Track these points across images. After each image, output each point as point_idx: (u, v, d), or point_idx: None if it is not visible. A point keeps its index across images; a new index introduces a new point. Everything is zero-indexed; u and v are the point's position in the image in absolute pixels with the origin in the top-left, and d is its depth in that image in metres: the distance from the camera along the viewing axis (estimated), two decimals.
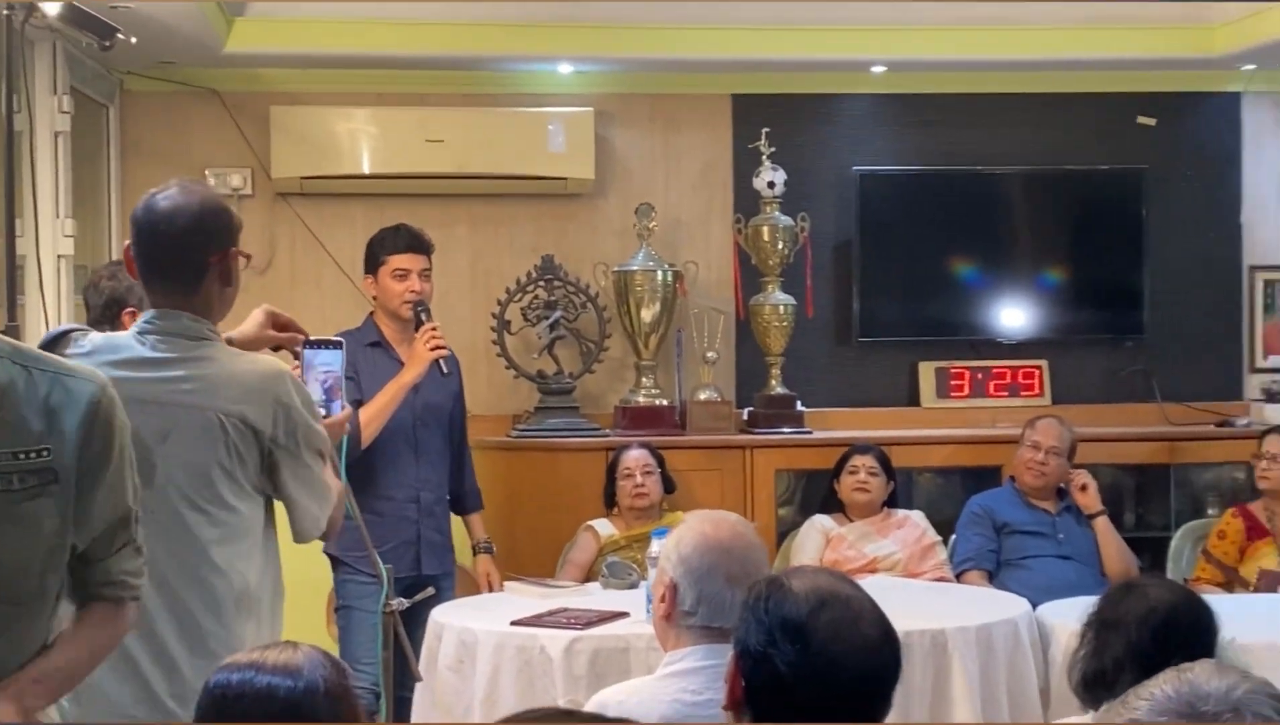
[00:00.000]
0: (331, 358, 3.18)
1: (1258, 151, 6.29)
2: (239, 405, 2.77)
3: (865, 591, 2.10)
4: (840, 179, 6.08)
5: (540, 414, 5.77)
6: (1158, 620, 2.59)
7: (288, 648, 2.08)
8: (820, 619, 1.99)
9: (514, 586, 4.63)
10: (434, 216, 5.62)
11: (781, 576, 2.09)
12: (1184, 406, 6.10)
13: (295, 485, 2.83)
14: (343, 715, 2.05)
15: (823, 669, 1.95)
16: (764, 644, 1.99)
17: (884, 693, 2.00)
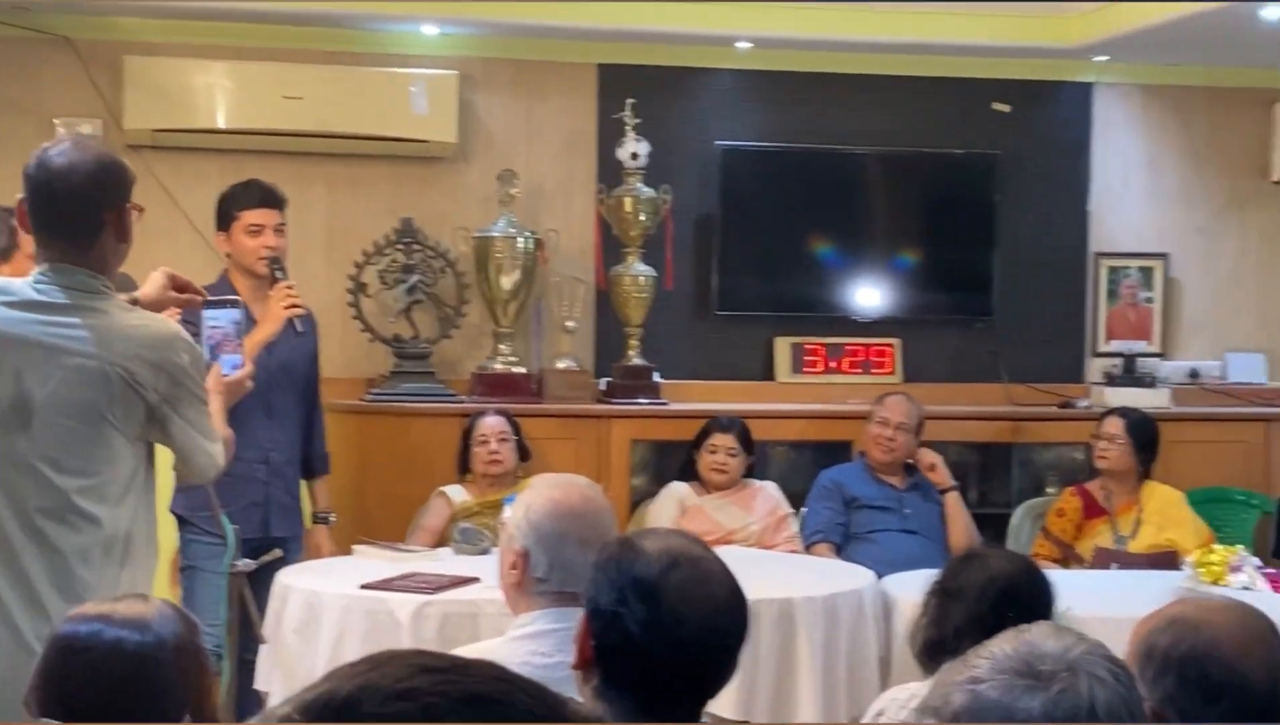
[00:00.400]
0: (223, 315, 3.30)
1: (1107, 141, 6.45)
2: (128, 360, 2.82)
3: (715, 553, 2.12)
4: (703, 153, 6.11)
5: (395, 378, 5.73)
6: (997, 590, 2.67)
7: (138, 601, 2.05)
8: (671, 579, 2.00)
9: (363, 550, 4.59)
10: (291, 175, 5.53)
11: (633, 537, 2.10)
12: (1028, 387, 6.24)
13: (185, 435, 2.92)
14: (191, 671, 2.02)
15: (672, 628, 1.97)
16: (615, 604, 2.00)
17: (731, 652, 2.02)
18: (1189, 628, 1.95)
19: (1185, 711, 1.91)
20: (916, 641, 2.75)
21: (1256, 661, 1.93)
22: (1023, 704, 1.41)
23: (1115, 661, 1.49)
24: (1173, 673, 1.92)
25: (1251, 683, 1.91)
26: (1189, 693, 1.91)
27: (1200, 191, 6.48)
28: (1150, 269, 6.44)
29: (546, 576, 2.67)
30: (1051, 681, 1.42)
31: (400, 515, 5.31)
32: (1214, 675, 1.91)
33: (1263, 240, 6.52)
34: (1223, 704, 1.90)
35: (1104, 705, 1.42)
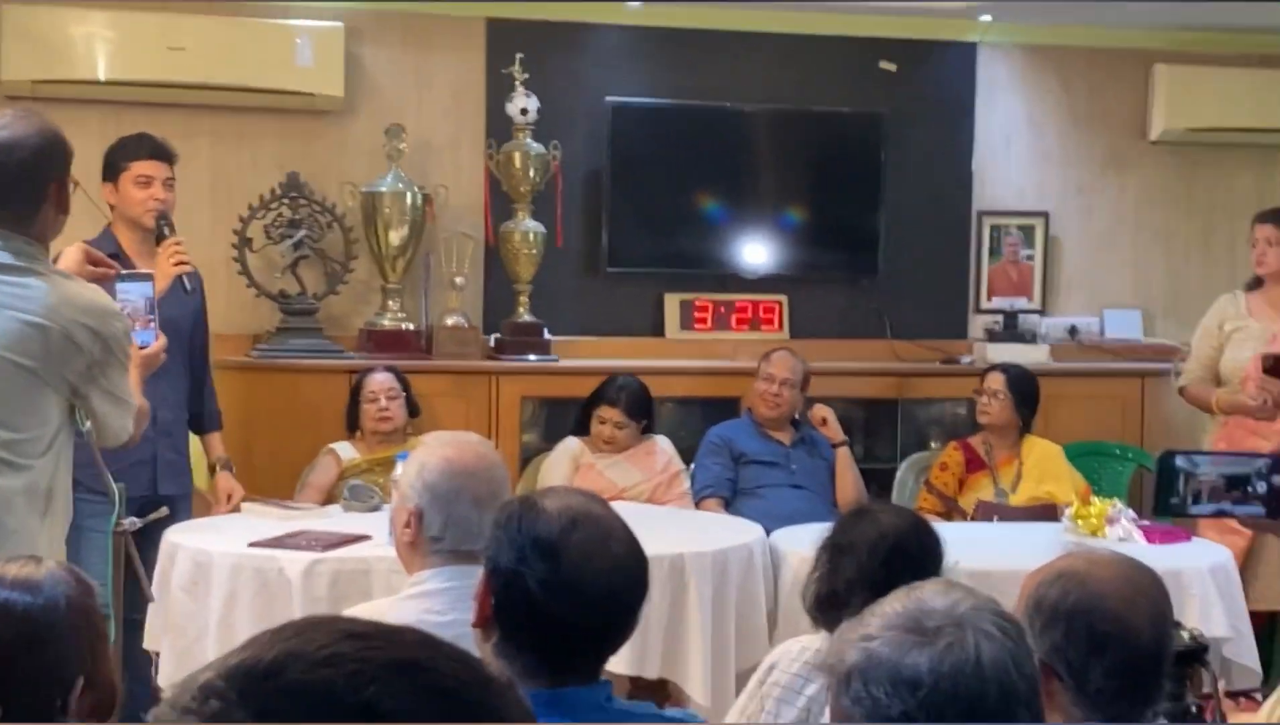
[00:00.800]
0: (135, 289, 3.45)
1: (990, 101, 6.54)
2: (69, 322, 2.97)
3: (615, 512, 2.14)
4: (593, 109, 6.09)
5: (282, 334, 5.67)
6: (887, 545, 2.72)
7: (30, 562, 2.02)
8: (571, 538, 2.02)
9: (251, 508, 4.56)
10: (174, 127, 5.42)
11: (533, 497, 2.12)
12: (913, 344, 6.33)
13: (105, 401, 3.07)
14: (84, 634, 2.00)
15: (572, 586, 1.99)
16: (515, 562, 2.01)
17: (631, 610, 2.05)
18: (1076, 581, 2.00)
19: (1072, 662, 1.97)
20: (808, 596, 2.79)
21: (1141, 614, 1.98)
22: (910, 659, 1.45)
23: (1004, 616, 1.54)
24: (1060, 625, 1.97)
25: (1136, 635, 1.97)
26: (1076, 644, 1.96)
27: (1080, 151, 6.61)
28: (1031, 227, 6.55)
29: (441, 535, 2.67)
30: (938, 637, 1.47)
31: (288, 473, 5.27)
32: (1100, 627, 1.96)
33: (1140, 199, 6.66)
34: (1108, 655, 1.95)
35: (990, 660, 1.47)
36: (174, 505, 4.33)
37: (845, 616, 2.67)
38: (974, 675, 1.46)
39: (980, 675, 1.47)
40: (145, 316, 3.47)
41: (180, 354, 4.57)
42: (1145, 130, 6.59)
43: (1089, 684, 1.96)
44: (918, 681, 1.46)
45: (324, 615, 1.02)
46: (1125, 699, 1.96)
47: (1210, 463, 1.95)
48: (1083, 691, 1.96)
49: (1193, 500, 1.95)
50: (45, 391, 3.00)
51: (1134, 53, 6.54)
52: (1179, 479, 1.93)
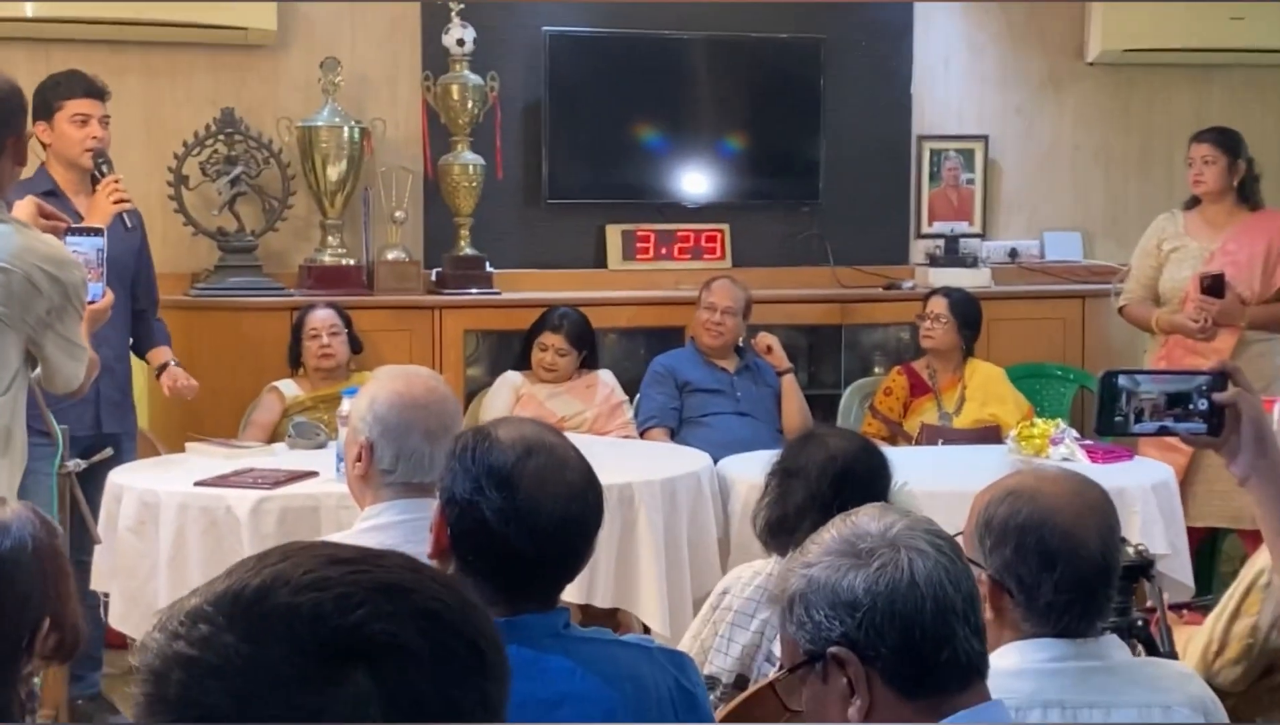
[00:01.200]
0: (86, 243, 3.51)
1: (928, 25, 6.53)
2: (31, 268, 3.03)
3: (569, 441, 2.14)
4: (530, 39, 6.03)
5: (221, 272, 5.61)
6: (836, 468, 2.74)
7: None
8: (526, 466, 2.02)
9: (196, 447, 4.53)
10: (104, 64, 5.33)
11: (488, 427, 2.11)
12: (855, 270, 6.35)
13: (59, 347, 3.14)
14: (51, 576, 1.99)
15: (528, 514, 1.99)
16: (471, 492, 2.01)
17: (587, 537, 2.05)
18: (1026, 498, 2.02)
19: (1022, 578, 1.99)
20: (759, 522, 2.81)
21: (1090, 529, 2.01)
22: (846, 581, 1.52)
23: (938, 534, 1.60)
24: (1011, 541, 2.00)
25: (1085, 549, 1.99)
26: (1026, 560, 1.99)
27: (1018, 73, 6.62)
28: (971, 151, 6.57)
29: (392, 468, 2.66)
30: (872, 558, 1.53)
31: (231, 412, 5.24)
32: (1050, 542, 1.99)
33: (1078, 121, 6.69)
34: (1058, 569, 1.98)
35: (923, 574, 1.53)
36: (118, 444, 4.30)
37: (795, 541, 2.70)
38: (909, 591, 1.52)
39: (915, 591, 1.52)
40: (95, 269, 3.51)
41: (122, 292, 4.52)
42: (1082, 51, 6.61)
43: (1039, 599, 1.98)
44: (855, 602, 1.52)
45: (307, 542, 1.03)
46: (1075, 613, 1.99)
47: (1152, 381, 1.96)
48: (1033, 607, 1.99)
49: (1135, 419, 1.96)
50: (7, 333, 3.03)
51: None
52: (1121, 398, 1.95)
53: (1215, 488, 5.08)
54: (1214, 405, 1.94)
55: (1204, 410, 1.95)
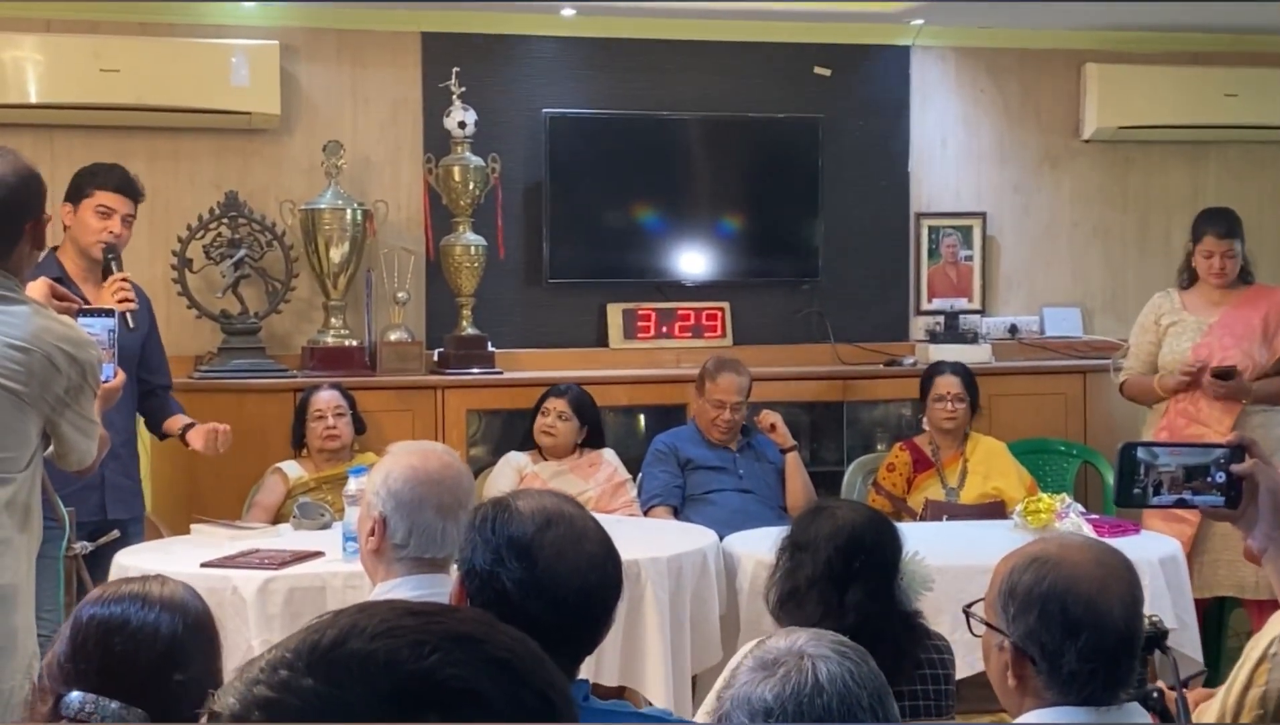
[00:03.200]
0: (97, 323, 3.59)
1: (924, 103, 6.59)
2: (51, 348, 3.09)
3: (588, 512, 2.15)
4: (530, 121, 6.09)
5: (224, 355, 5.63)
6: (845, 538, 2.74)
7: (157, 580, 2.18)
8: (546, 537, 2.03)
9: (201, 529, 4.52)
10: (109, 150, 5.39)
11: (507, 498, 2.12)
12: (855, 347, 6.37)
13: (75, 426, 3.18)
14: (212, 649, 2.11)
15: (548, 585, 1.99)
16: (491, 563, 2.02)
17: (607, 608, 2.05)
18: (1050, 565, 2.02)
19: (1046, 646, 1.98)
20: (770, 596, 2.80)
21: (1114, 597, 2.00)
22: (759, 692, 1.66)
23: (843, 643, 1.73)
24: (1035, 609, 1.99)
25: (1109, 617, 1.99)
26: (1050, 628, 1.98)
27: (1015, 151, 6.68)
28: (969, 228, 6.61)
29: (405, 543, 2.67)
30: (778, 668, 1.67)
31: (235, 493, 5.23)
32: (1074, 611, 1.98)
33: (1075, 197, 6.73)
34: (1082, 638, 1.97)
35: (828, 677, 1.66)
36: (124, 529, 4.29)
37: (807, 614, 2.70)
38: (814, 692, 1.65)
39: (819, 690, 1.65)
40: (107, 349, 3.59)
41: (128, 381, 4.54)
42: (1078, 129, 6.67)
43: (1063, 667, 1.98)
44: (768, 709, 1.65)
45: (382, 600, 1.06)
46: (1098, 681, 1.98)
47: (1169, 453, 1.97)
48: (1055, 675, 1.98)
49: (1153, 492, 1.97)
50: (28, 412, 3.09)
51: (1064, 53, 6.63)
52: (1140, 470, 1.96)
53: (1222, 558, 5.08)
54: (1231, 477, 1.95)
55: (1221, 483, 1.96)
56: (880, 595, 2.70)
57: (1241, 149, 6.82)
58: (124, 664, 2.02)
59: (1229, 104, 6.54)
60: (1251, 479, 1.95)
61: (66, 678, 2.03)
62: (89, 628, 2.05)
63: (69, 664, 2.03)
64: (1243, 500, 1.96)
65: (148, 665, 2.02)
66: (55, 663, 2.05)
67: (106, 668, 2.01)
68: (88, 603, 2.10)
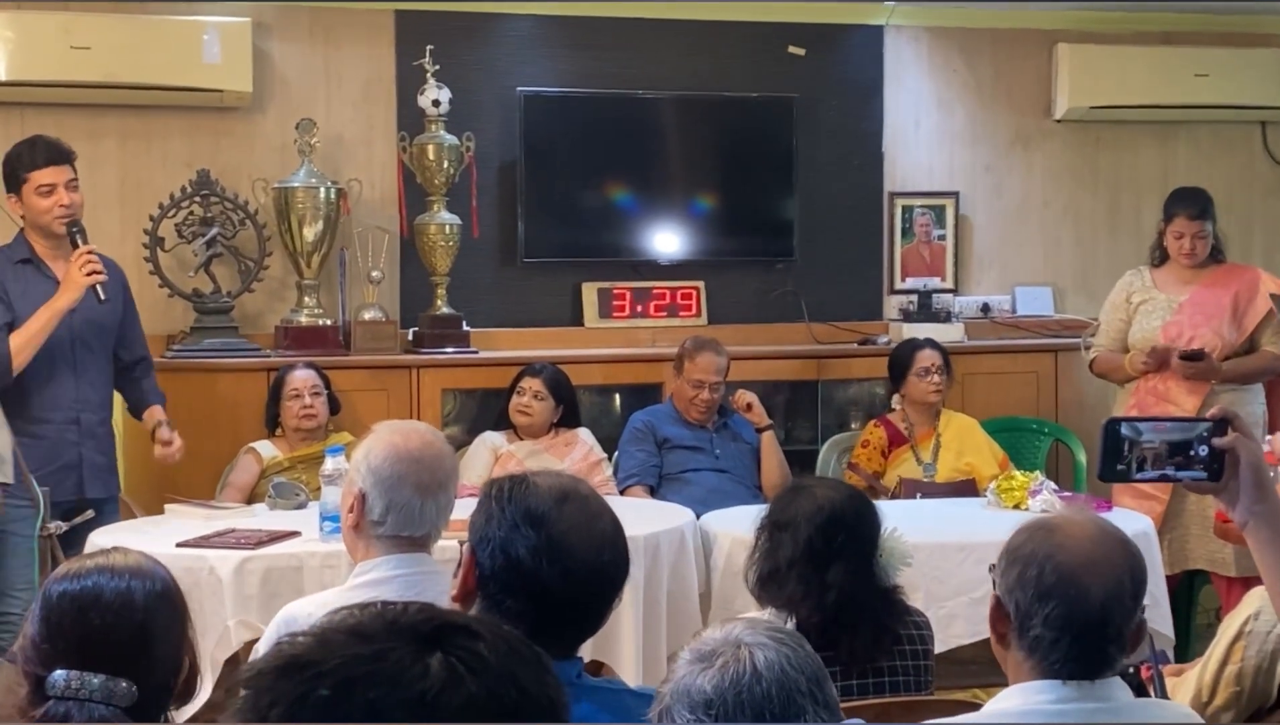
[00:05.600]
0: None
1: (898, 83, 6.60)
2: None
3: (599, 493, 2.19)
4: (505, 99, 6.08)
5: (197, 334, 5.61)
6: (825, 517, 2.75)
7: (118, 552, 2.14)
8: (562, 510, 2.08)
9: (176, 509, 4.51)
10: (80, 128, 5.37)
11: (524, 474, 2.16)
12: (829, 326, 6.38)
13: None
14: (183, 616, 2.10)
15: (562, 553, 2.04)
16: (507, 530, 2.06)
17: (616, 585, 2.10)
18: (1044, 532, 2.06)
19: (1019, 604, 2.03)
20: (750, 576, 2.82)
21: (1096, 577, 2.02)
22: (698, 683, 1.68)
23: (779, 629, 1.76)
24: (1016, 567, 2.04)
25: (1084, 594, 2.00)
26: (1025, 588, 2.02)
27: (987, 131, 6.69)
28: (942, 207, 6.63)
29: (381, 519, 2.68)
30: (715, 658, 1.69)
31: (208, 473, 5.22)
32: (1047, 578, 2.01)
33: (1046, 177, 6.76)
34: (1050, 605, 2.00)
35: (765, 663, 1.68)
36: (100, 508, 4.28)
37: (787, 593, 2.72)
38: (752, 679, 1.67)
39: (757, 678, 1.67)
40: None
41: (103, 354, 4.53)
42: (1050, 109, 6.69)
43: (1029, 629, 2.02)
44: (708, 700, 1.67)
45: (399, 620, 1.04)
46: (1060, 652, 2.01)
47: (1153, 430, 1.99)
48: (1023, 635, 2.04)
49: (1137, 467, 1.99)
50: None
51: (1036, 33, 6.64)
52: (1124, 446, 1.97)
53: (1191, 532, 5.13)
54: (1214, 451, 1.97)
55: (1204, 457, 1.97)
56: (860, 573, 2.72)
57: (1211, 129, 6.85)
58: (102, 637, 2.00)
59: (1199, 84, 6.57)
60: (1233, 452, 1.97)
61: (44, 659, 2.01)
62: (62, 605, 2.03)
63: (45, 644, 2.02)
64: (1225, 474, 1.98)
65: (127, 635, 2.01)
66: (30, 645, 2.04)
67: (85, 643, 2.00)
68: (54, 580, 2.08)
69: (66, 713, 1.95)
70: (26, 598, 4.08)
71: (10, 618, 4.19)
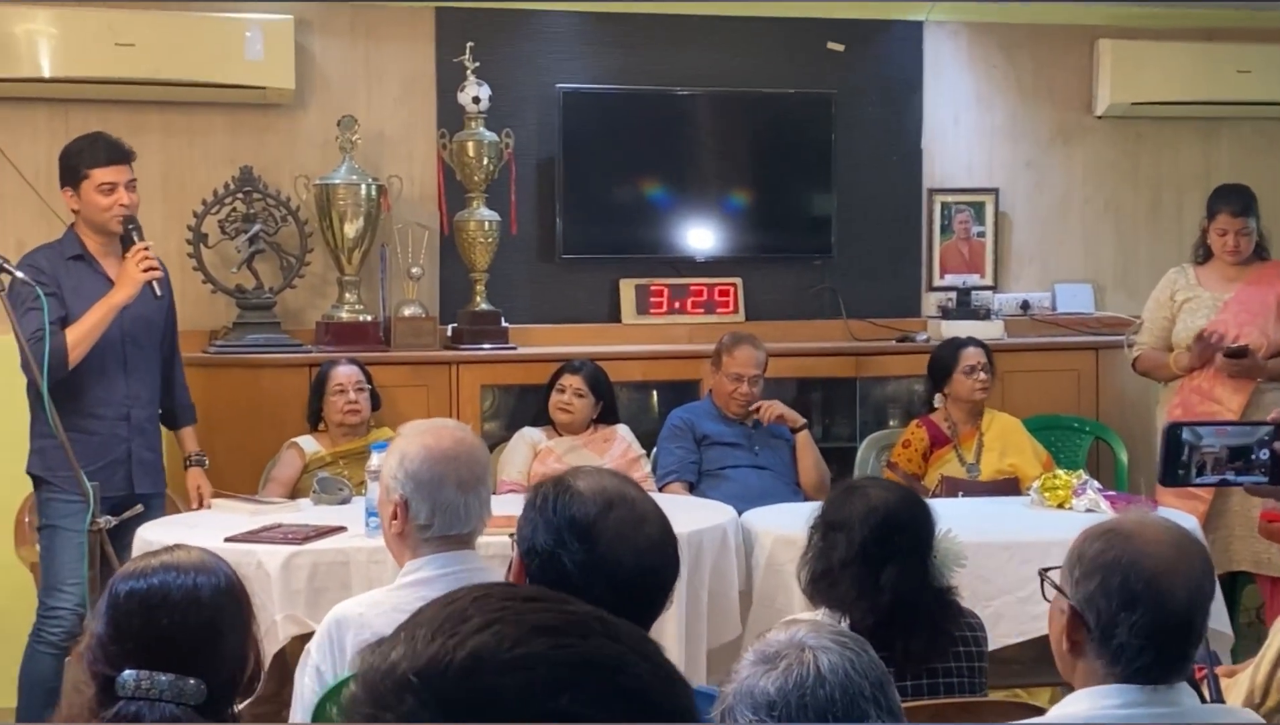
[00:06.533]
0: None
1: (937, 80, 6.58)
2: None
3: (647, 494, 2.17)
4: (544, 96, 6.08)
5: (239, 329, 5.63)
6: (879, 518, 2.74)
7: (182, 549, 2.14)
8: (608, 519, 2.05)
9: (223, 503, 4.54)
10: (124, 124, 5.39)
11: (568, 478, 2.14)
12: (867, 323, 6.37)
13: None
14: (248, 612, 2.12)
15: (609, 568, 2.01)
16: (552, 544, 2.04)
17: (664, 590, 2.08)
18: (1120, 537, 2.03)
19: (1101, 613, 2.00)
20: (803, 575, 2.82)
21: (1179, 581, 2.00)
22: (761, 685, 1.68)
23: (843, 634, 1.77)
24: (1096, 576, 2.01)
25: (1169, 599, 1.99)
26: (1108, 597, 2.00)
27: (1028, 127, 6.67)
28: (982, 204, 6.61)
29: (429, 522, 2.68)
30: (779, 660, 1.69)
31: (249, 468, 5.25)
32: (1133, 586, 1.99)
33: (1087, 174, 6.73)
34: (1137, 613, 1.98)
35: (829, 667, 1.68)
36: (148, 503, 4.31)
37: (840, 594, 2.71)
38: (816, 683, 1.67)
39: (821, 681, 1.67)
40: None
41: (152, 351, 4.56)
42: (1091, 105, 6.66)
43: (1113, 638, 1.99)
44: (771, 702, 1.67)
45: (504, 596, 1.02)
46: (1146, 659, 1.99)
47: (1214, 434, 1.99)
48: (1105, 645, 2.00)
49: (1196, 471, 1.98)
50: None
51: (1077, 28, 6.61)
52: (1184, 451, 1.97)
53: (1235, 533, 5.11)
54: (1275, 455, 1.96)
55: (1265, 461, 1.97)
56: (915, 574, 2.71)
57: (1254, 125, 6.81)
58: (170, 635, 2.00)
59: (1242, 80, 6.53)
60: None
61: (111, 659, 2.01)
62: (129, 604, 2.03)
63: (113, 645, 2.02)
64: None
65: (195, 633, 2.02)
66: (97, 645, 2.03)
67: (153, 642, 2.00)
68: (120, 579, 2.08)
69: (137, 712, 1.96)
70: (75, 593, 4.11)
71: (59, 613, 4.22)
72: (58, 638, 4.19)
